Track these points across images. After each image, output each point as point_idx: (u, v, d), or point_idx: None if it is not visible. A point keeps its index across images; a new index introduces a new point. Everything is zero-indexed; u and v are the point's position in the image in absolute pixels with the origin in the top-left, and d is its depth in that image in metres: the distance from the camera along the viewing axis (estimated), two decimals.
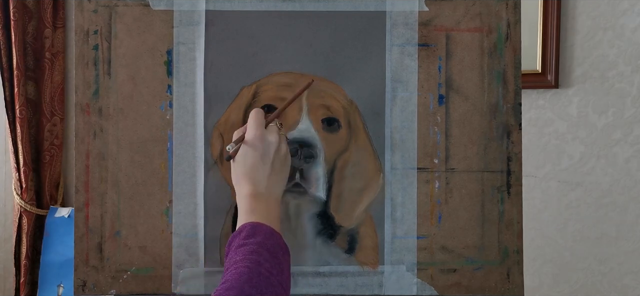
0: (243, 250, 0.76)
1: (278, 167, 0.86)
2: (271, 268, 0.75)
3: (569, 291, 1.80)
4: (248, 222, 0.81)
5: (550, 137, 1.76)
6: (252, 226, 0.79)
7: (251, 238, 0.77)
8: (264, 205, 0.83)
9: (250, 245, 0.76)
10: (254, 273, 0.73)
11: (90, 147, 0.95)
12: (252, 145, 0.84)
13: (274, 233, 0.80)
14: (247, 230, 0.79)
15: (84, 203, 0.95)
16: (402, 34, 0.96)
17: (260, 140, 0.84)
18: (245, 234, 0.78)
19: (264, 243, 0.77)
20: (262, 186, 0.84)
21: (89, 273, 0.95)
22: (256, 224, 0.80)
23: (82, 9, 0.95)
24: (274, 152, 0.85)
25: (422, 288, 0.96)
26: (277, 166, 0.85)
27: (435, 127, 0.96)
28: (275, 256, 0.77)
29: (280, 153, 0.86)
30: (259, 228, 0.79)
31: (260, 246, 0.76)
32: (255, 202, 0.83)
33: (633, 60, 1.70)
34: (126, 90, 0.95)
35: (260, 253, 0.75)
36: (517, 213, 0.97)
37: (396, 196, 0.96)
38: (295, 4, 0.96)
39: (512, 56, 0.96)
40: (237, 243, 0.78)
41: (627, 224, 1.76)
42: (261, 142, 0.84)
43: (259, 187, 0.84)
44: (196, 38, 0.95)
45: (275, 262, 0.76)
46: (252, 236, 0.78)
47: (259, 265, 0.74)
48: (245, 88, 0.95)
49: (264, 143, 0.84)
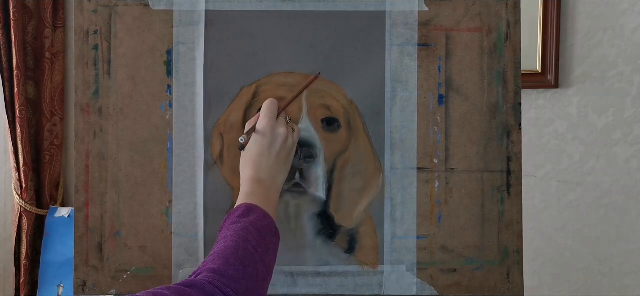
0: (234, 227, 0.80)
1: (283, 158, 0.89)
2: (257, 245, 0.79)
3: (569, 291, 1.80)
4: (245, 202, 0.84)
5: (550, 137, 1.76)
6: (247, 207, 0.83)
7: (244, 218, 0.81)
8: (264, 191, 0.86)
9: (242, 223, 0.80)
10: (240, 247, 0.77)
11: (90, 147, 0.95)
12: (262, 134, 0.88)
13: (267, 216, 0.84)
14: (242, 210, 0.83)
15: (84, 203, 0.95)
16: (402, 33, 0.96)
17: (270, 130, 0.88)
18: (240, 213, 0.82)
19: (255, 223, 0.81)
20: (265, 173, 0.87)
21: (89, 273, 0.95)
22: (252, 205, 0.83)
23: (82, 9, 0.95)
24: (282, 143, 0.88)
25: (422, 288, 0.96)
26: (282, 156, 0.88)
27: (435, 127, 0.96)
28: (263, 236, 0.81)
29: (287, 145, 0.89)
30: (254, 209, 0.83)
31: (251, 224, 0.80)
32: (256, 186, 0.86)
33: (633, 60, 1.70)
34: (126, 90, 0.95)
35: (250, 230, 0.80)
36: (517, 213, 0.97)
37: (396, 196, 0.96)
38: (295, 4, 0.96)
39: (512, 56, 0.96)
40: (231, 220, 0.82)
41: (627, 224, 1.76)
42: (271, 131, 0.88)
43: (262, 173, 0.87)
44: (196, 38, 0.95)
45: (262, 241, 0.80)
46: (245, 216, 0.82)
47: (246, 241, 0.78)
48: (245, 88, 0.95)
49: (273, 134, 0.88)
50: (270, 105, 0.89)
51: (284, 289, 0.96)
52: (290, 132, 0.89)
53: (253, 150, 0.88)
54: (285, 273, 0.96)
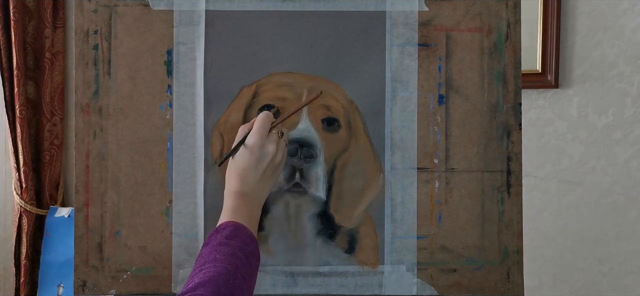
0: (224, 249, 0.80)
1: (269, 174, 0.89)
2: (245, 274, 0.80)
3: (569, 291, 1.80)
4: (231, 221, 0.85)
5: (550, 137, 1.76)
6: (235, 227, 0.84)
7: (232, 240, 0.82)
8: (247, 206, 0.87)
9: (232, 247, 0.81)
10: (231, 275, 0.78)
11: (90, 147, 0.95)
12: (251, 150, 0.87)
13: (253, 239, 0.84)
14: (230, 230, 0.83)
15: (84, 203, 0.95)
16: (402, 33, 0.96)
17: (260, 148, 0.87)
18: (227, 234, 0.83)
19: (243, 249, 0.82)
20: (250, 187, 0.88)
21: (89, 273, 0.95)
22: (238, 225, 0.84)
23: (82, 9, 0.95)
24: (269, 161, 0.88)
25: (422, 288, 0.96)
26: (268, 173, 0.89)
27: (435, 127, 0.96)
28: (250, 263, 0.82)
29: (275, 162, 0.89)
30: (240, 230, 0.84)
31: (239, 250, 0.81)
32: (240, 201, 0.87)
33: (633, 60, 1.70)
34: (126, 90, 0.95)
35: (239, 257, 0.80)
36: (517, 213, 0.97)
37: (396, 196, 0.96)
38: (295, 4, 0.96)
39: (512, 56, 0.96)
40: (218, 241, 0.82)
41: (627, 224, 1.76)
42: (260, 149, 0.87)
43: (247, 187, 0.88)
44: (196, 38, 0.95)
45: (249, 269, 0.81)
46: (232, 237, 0.82)
47: (236, 268, 0.79)
48: (245, 88, 0.95)
49: (261, 151, 0.88)
50: (264, 120, 0.88)
51: (284, 289, 0.96)
52: (280, 149, 0.89)
53: (240, 163, 0.88)
54: (285, 273, 0.96)
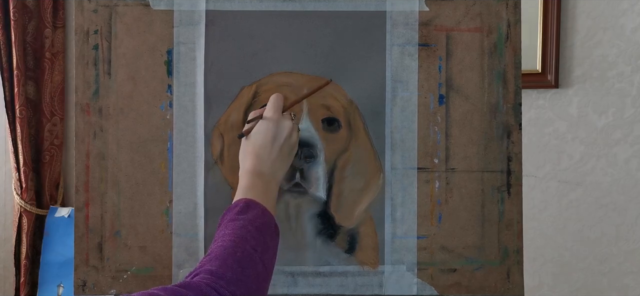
0: (233, 224, 0.79)
1: (286, 152, 0.88)
2: (256, 245, 0.77)
3: (568, 291, 1.80)
4: (243, 197, 0.83)
5: (550, 137, 1.76)
6: (246, 203, 0.81)
7: (242, 215, 0.80)
8: (263, 184, 0.85)
9: (240, 221, 0.79)
10: (239, 247, 0.75)
11: (90, 147, 0.95)
12: (266, 126, 0.86)
13: (266, 212, 0.82)
14: (241, 206, 0.81)
15: (84, 203, 0.95)
16: (402, 33, 0.96)
17: (276, 123, 0.86)
18: (238, 210, 0.80)
19: (254, 221, 0.79)
20: (266, 166, 0.86)
21: (89, 273, 0.95)
22: (250, 201, 0.82)
23: (82, 9, 0.95)
24: (286, 136, 0.87)
25: (422, 288, 0.96)
26: (285, 151, 0.87)
27: (436, 126, 0.96)
28: (262, 234, 0.79)
29: (291, 140, 0.88)
30: (253, 205, 0.81)
31: (249, 223, 0.79)
32: (256, 179, 0.85)
33: (633, 60, 1.70)
34: (126, 90, 0.95)
35: (248, 230, 0.78)
36: (517, 213, 0.97)
37: (396, 196, 0.96)
38: (295, 4, 0.96)
39: (512, 56, 0.96)
40: (229, 217, 0.80)
41: (627, 224, 1.76)
42: (276, 124, 0.86)
43: (263, 166, 0.86)
44: (196, 38, 0.95)
45: (261, 240, 0.78)
46: (244, 212, 0.80)
47: (244, 240, 0.76)
48: (245, 88, 0.95)
49: (278, 127, 0.86)
50: (277, 99, 0.89)
51: (284, 289, 0.96)
52: (294, 128, 0.89)
53: (256, 140, 0.86)
54: (285, 273, 0.96)
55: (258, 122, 0.87)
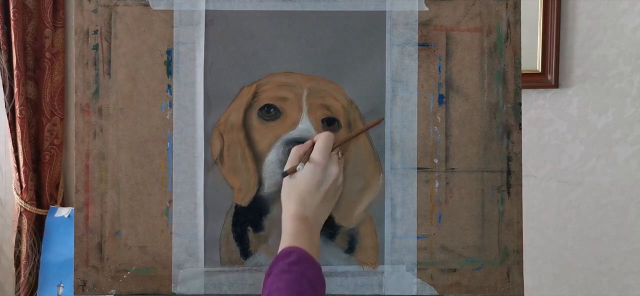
0: (286, 276, 0.77)
1: (330, 196, 0.88)
2: None
3: (568, 291, 1.80)
4: (293, 246, 0.81)
5: (550, 137, 1.76)
6: (299, 254, 0.80)
7: (295, 266, 0.78)
8: (307, 230, 0.84)
9: (294, 274, 0.77)
10: None
11: (90, 147, 0.95)
12: (313, 171, 0.85)
13: (315, 264, 0.81)
14: (293, 259, 0.79)
15: (84, 203, 0.95)
16: (402, 33, 0.96)
17: (323, 168, 0.86)
18: (291, 261, 0.78)
19: (306, 274, 0.78)
20: (310, 210, 0.85)
21: (89, 273, 0.95)
22: (302, 253, 0.80)
23: (82, 9, 0.95)
24: (332, 182, 0.87)
25: (422, 288, 0.96)
26: (330, 195, 0.87)
27: (435, 126, 0.96)
28: (314, 288, 0.78)
29: (337, 184, 0.88)
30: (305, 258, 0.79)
31: (302, 275, 0.77)
32: (300, 224, 0.84)
33: (633, 60, 1.70)
34: (126, 90, 0.95)
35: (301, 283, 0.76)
36: (517, 213, 0.97)
37: (396, 196, 0.96)
38: (295, 3, 0.96)
39: (512, 56, 0.96)
40: (281, 267, 0.78)
41: (627, 224, 1.76)
42: (323, 170, 0.86)
43: (307, 210, 0.85)
44: (196, 38, 0.95)
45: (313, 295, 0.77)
46: (296, 264, 0.78)
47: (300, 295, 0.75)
48: (245, 88, 0.95)
49: (326, 172, 0.86)
50: (327, 139, 0.87)
51: None
52: (341, 171, 0.88)
53: (300, 184, 0.85)
54: None
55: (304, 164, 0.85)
